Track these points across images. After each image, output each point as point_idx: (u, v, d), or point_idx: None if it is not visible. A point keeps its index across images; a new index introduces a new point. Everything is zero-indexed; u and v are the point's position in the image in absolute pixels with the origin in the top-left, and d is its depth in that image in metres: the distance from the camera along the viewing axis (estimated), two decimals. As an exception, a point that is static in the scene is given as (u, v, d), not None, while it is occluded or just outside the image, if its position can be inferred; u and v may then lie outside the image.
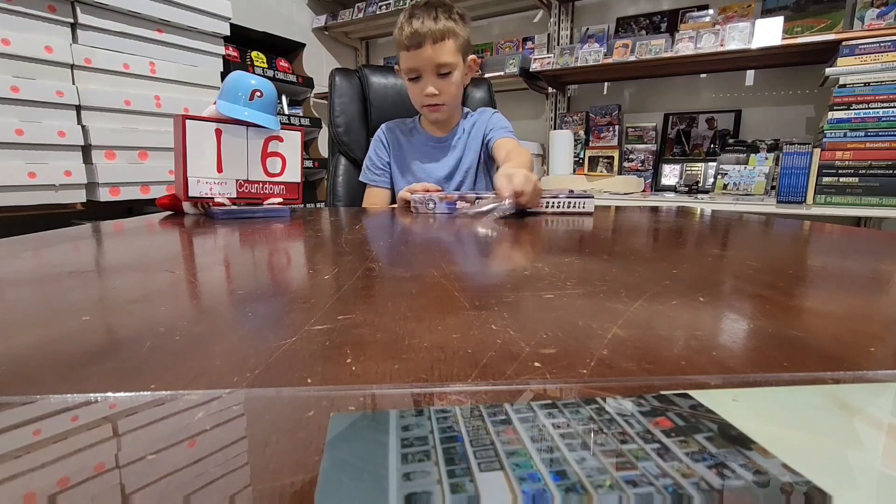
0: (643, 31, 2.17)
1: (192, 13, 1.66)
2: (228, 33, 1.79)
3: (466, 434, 0.13)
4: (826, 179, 1.55)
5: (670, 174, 2.18)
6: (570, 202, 0.84)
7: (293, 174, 0.83)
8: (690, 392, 0.16)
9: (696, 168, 2.12)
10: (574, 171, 2.24)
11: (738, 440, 0.13)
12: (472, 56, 1.04)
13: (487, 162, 1.12)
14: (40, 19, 1.37)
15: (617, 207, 1.07)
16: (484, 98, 1.31)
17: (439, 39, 0.94)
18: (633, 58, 1.91)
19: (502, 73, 2.21)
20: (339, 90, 1.27)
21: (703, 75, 2.14)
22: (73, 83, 1.43)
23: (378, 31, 2.95)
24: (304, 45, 2.48)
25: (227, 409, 0.15)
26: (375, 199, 1.14)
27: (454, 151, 1.11)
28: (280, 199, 0.81)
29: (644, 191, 2.09)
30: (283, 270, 0.41)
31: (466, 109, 1.16)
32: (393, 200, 1.15)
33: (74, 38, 1.44)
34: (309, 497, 0.11)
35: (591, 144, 2.30)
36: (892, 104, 1.47)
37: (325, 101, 1.33)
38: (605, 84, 2.36)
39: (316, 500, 0.11)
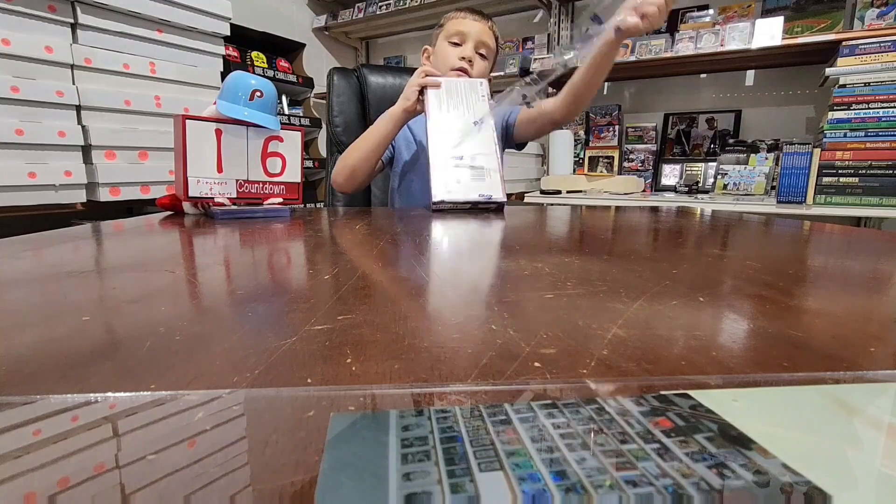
0: (643, 31, 2.17)
1: (192, 13, 1.66)
2: (228, 33, 1.79)
3: (466, 434, 0.13)
4: (826, 179, 1.55)
5: (670, 174, 2.18)
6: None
7: (293, 174, 0.83)
8: (690, 392, 0.16)
9: (696, 168, 2.12)
10: (574, 171, 2.24)
11: (738, 440, 0.13)
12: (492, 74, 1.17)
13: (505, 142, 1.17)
14: (40, 19, 1.37)
15: (617, 207, 1.07)
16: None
17: (490, 29, 1.10)
18: (633, 58, 1.91)
19: (502, 73, 2.21)
20: (338, 90, 1.27)
21: (703, 75, 2.14)
22: (73, 83, 1.43)
23: (378, 31, 2.94)
24: (304, 45, 2.48)
25: (227, 409, 0.15)
26: None
27: None
28: (280, 199, 0.81)
29: (644, 191, 2.09)
30: (283, 270, 0.41)
31: None
32: (381, 172, 1.14)
33: (74, 38, 1.44)
34: (309, 497, 0.11)
35: (591, 144, 2.30)
36: (892, 104, 1.47)
37: (325, 101, 1.34)
38: (605, 84, 2.36)
39: (316, 500, 0.11)
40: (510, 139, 1.16)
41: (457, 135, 0.92)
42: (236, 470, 0.12)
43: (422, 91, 0.95)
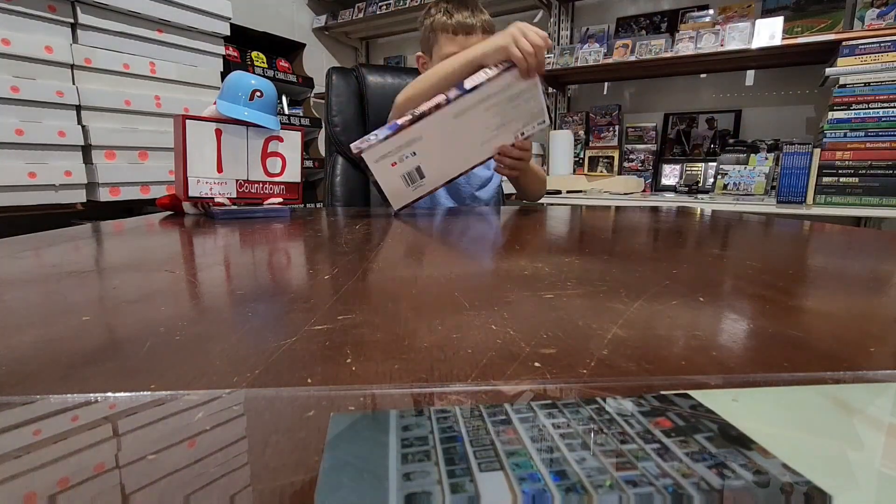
0: (643, 31, 2.17)
1: (192, 13, 1.66)
2: (228, 33, 1.79)
3: (466, 434, 0.13)
4: (826, 179, 1.55)
5: (670, 174, 2.18)
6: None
7: (293, 174, 0.83)
8: (690, 392, 0.16)
9: (696, 168, 2.12)
10: (574, 171, 2.24)
11: (738, 440, 0.13)
12: None
13: None
14: (40, 19, 1.37)
15: (617, 207, 1.07)
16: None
17: (488, 31, 0.94)
18: (633, 58, 1.91)
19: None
20: (337, 89, 1.27)
21: (703, 75, 2.14)
22: (73, 83, 1.43)
23: (378, 31, 2.94)
24: (304, 45, 2.48)
25: (227, 409, 0.15)
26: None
27: None
28: (280, 199, 0.81)
29: (644, 191, 2.09)
30: (282, 270, 0.41)
31: None
32: None
33: (74, 38, 1.44)
34: (309, 497, 0.11)
35: (591, 144, 2.30)
36: (892, 104, 1.47)
37: (324, 101, 1.34)
38: (605, 84, 2.36)
39: (316, 500, 0.11)
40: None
41: (451, 137, 0.75)
42: (236, 470, 0.12)
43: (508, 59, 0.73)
